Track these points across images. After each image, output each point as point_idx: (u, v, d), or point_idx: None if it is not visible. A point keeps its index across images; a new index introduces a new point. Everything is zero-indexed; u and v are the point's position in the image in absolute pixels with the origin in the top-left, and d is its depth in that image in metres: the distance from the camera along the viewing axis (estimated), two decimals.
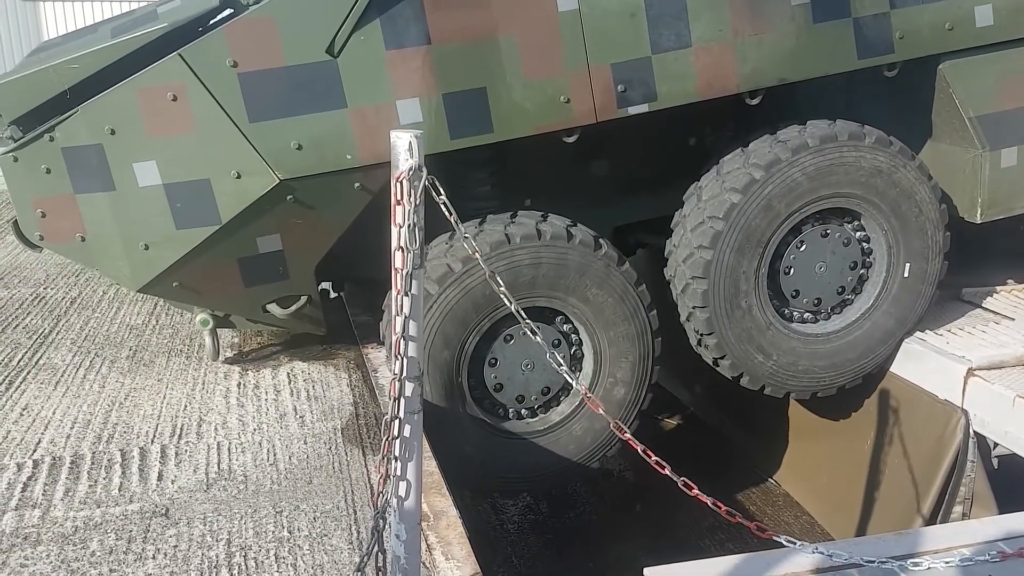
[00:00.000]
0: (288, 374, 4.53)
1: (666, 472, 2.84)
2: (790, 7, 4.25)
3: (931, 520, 4.73)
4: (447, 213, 2.47)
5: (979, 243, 5.50)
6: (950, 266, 4.87)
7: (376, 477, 2.54)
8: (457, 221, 2.51)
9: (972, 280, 5.59)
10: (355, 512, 3.24)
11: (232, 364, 4.65)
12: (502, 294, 2.67)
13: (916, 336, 4.92)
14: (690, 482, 2.83)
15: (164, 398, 4.21)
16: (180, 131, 3.83)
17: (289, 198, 3.95)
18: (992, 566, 3.02)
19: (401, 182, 2.29)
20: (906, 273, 4.72)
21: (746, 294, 4.49)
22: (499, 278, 2.70)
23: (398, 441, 2.40)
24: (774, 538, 2.89)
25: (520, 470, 4.49)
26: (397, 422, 2.39)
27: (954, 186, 4.86)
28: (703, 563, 3.31)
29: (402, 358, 2.37)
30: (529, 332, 2.74)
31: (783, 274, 4.64)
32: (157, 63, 3.79)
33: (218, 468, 3.56)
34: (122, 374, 4.48)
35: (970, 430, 4.62)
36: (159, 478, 3.48)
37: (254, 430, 3.90)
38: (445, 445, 3.84)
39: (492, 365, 4.36)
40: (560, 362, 2.84)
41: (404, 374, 2.38)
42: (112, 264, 4.07)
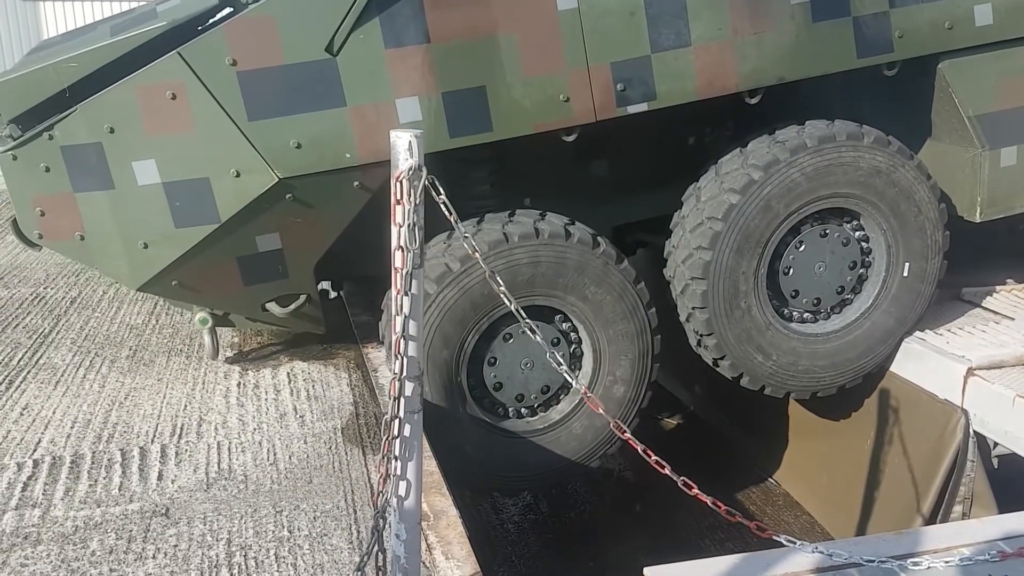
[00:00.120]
0: (288, 374, 4.53)
1: (666, 471, 2.83)
2: (789, 6, 4.25)
3: (931, 520, 4.73)
4: (447, 213, 2.46)
5: (979, 242, 5.50)
6: (950, 266, 4.87)
7: (376, 477, 2.54)
8: (457, 221, 2.51)
9: (972, 280, 5.58)
10: (355, 512, 3.24)
11: (232, 364, 4.65)
12: (502, 293, 2.67)
13: (916, 336, 4.92)
14: (690, 481, 2.83)
15: (164, 398, 4.21)
16: (179, 130, 3.83)
17: (288, 197, 3.95)
18: (992, 566, 3.01)
19: (401, 182, 2.29)
20: (905, 272, 4.72)
21: (745, 294, 4.49)
22: (498, 277, 2.70)
23: (398, 440, 2.40)
24: (774, 538, 2.89)
25: (520, 469, 4.49)
26: (397, 421, 2.39)
27: (953, 185, 4.86)
28: (703, 563, 3.31)
29: (402, 357, 2.37)
30: (528, 331, 2.73)
31: (782, 274, 4.64)
32: (156, 62, 3.78)
33: (218, 468, 3.56)
34: (122, 374, 4.47)
35: (970, 430, 4.62)
36: (159, 478, 3.48)
37: (254, 430, 3.90)
38: (445, 444, 3.84)
39: (491, 364, 4.36)
40: (560, 361, 2.83)
41: (404, 373, 2.38)
42: (111, 263, 4.07)
